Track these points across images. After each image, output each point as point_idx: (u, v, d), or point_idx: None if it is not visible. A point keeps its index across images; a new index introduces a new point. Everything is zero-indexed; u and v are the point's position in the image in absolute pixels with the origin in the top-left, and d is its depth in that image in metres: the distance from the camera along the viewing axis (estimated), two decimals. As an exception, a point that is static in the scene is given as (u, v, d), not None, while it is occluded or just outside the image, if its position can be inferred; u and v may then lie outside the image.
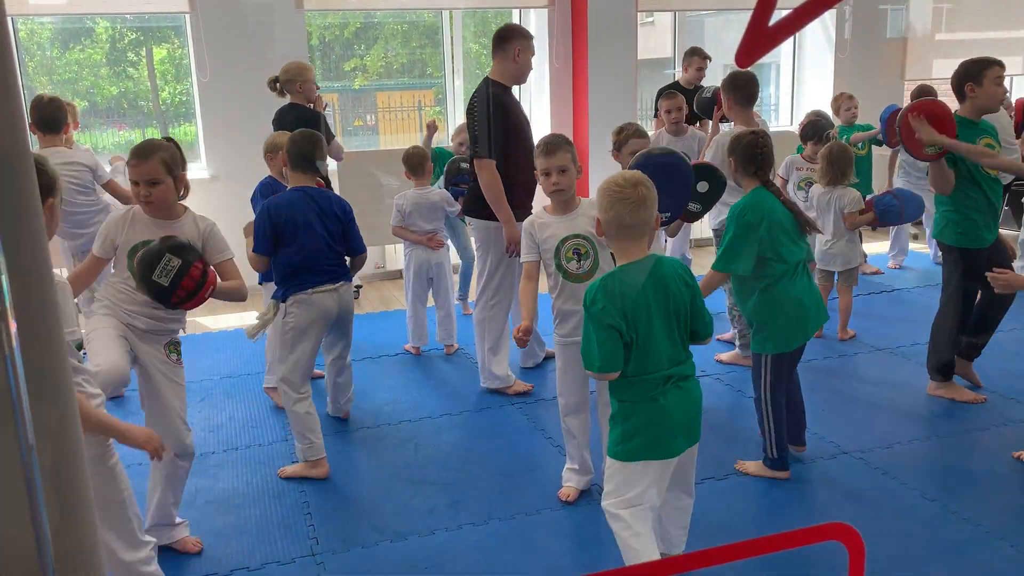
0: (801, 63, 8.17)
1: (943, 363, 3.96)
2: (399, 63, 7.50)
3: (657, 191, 2.35)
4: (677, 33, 7.88)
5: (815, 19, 0.85)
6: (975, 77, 3.69)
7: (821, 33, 7.90)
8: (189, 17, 6.12)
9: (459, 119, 6.69)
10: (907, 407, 3.94)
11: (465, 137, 4.57)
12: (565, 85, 7.18)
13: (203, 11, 6.03)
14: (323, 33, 7.21)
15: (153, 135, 6.66)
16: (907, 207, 4.73)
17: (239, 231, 3.72)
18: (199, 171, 6.27)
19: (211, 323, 5.69)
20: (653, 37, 8.41)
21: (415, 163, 4.81)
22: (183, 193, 2.80)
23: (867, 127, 6.13)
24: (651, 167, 2.87)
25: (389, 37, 7.49)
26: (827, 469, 3.36)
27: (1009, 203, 5.97)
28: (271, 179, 4.00)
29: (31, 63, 6.42)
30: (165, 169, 2.69)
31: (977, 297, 3.88)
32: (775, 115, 8.38)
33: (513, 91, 4.21)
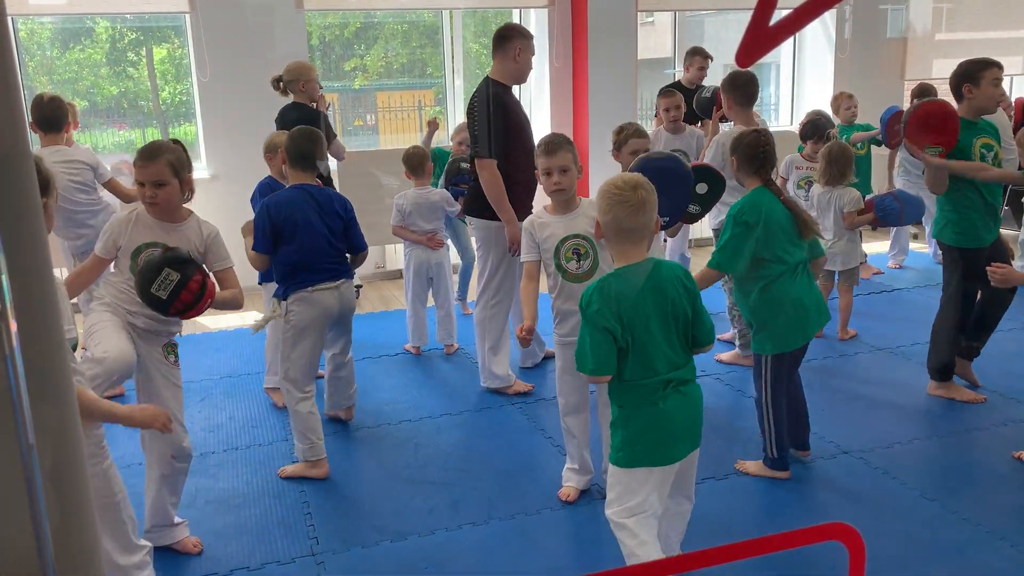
0: (801, 63, 8.17)
1: (943, 363, 3.96)
2: (399, 63, 7.50)
3: (657, 195, 2.35)
4: (677, 33, 7.88)
5: (815, 19, 0.85)
6: (973, 78, 3.70)
7: (821, 33, 7.89)
8: (189, 17, 6.12)
9: (459, 119, 6.69)
10: (907, 407, 3.94)
11: (465, 136, 4.57)
12: (565, 85, 7.18)
13: (203, 11, 6.03)
14: (323, 33, 7.21)
15: (153, 135, 6.67)
16: (907, 209, 4.72)
17: (239, 231, 3.72)
18: (199, 171, 6.25)
19: (211, 323, 5.69)
20: (653, 37, 8.41)
21: (415, 163, 4.82)
22: (188, 196, 2.80)
23: (867, 127, 6.13)
24: (651, 171, 2.86)
25: (389, 37, 7.49)
26: (827, 469, 3.36)
27: (1009, 203, 5.96)
28: (270, 179, 4.00)
29: (31, 63, 6.42)
30: (171, 171, 2.70)
31: (977, 297, 3.89)
32: (775, 115, 8.37)
33: (513, 91, 4.21)
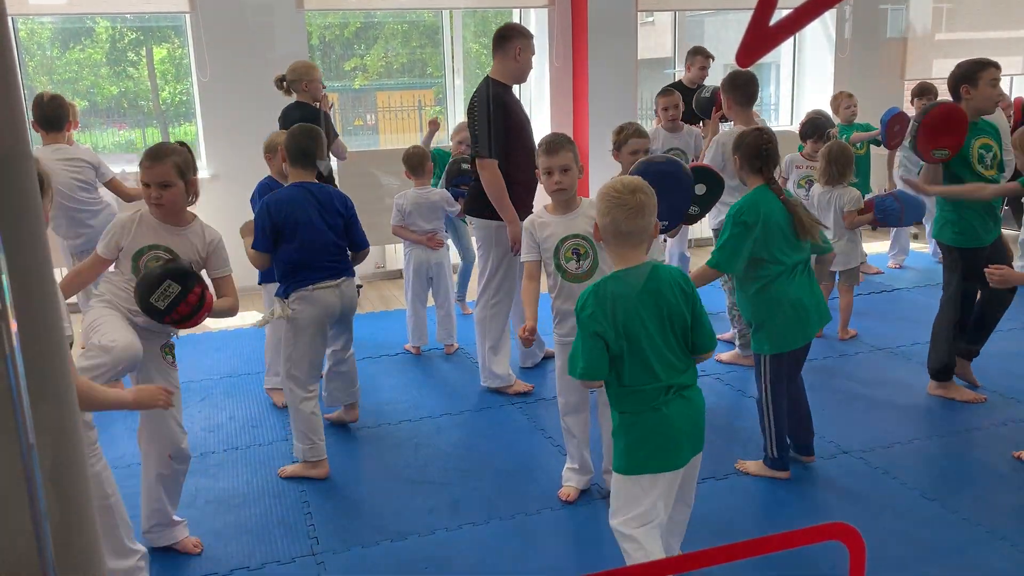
0: (801, 63, 8.17)
1: (943, 363, 3.96)
2: (399, 63, 7.50)
3: (657, 198, 2.34)
4: (677, 33, 7.88)
5: (815, 19, 0.85)
6: (971, 79, 3.70)
7: (821, 33, 7.89)
8: (189, 17, 6.12)
9: (459, 119, 6.69)
10: (907, 407, 3.94)
11: (465, 136, 4.57)
12: (565, 85, 7.18)
13: (203, 11, 6.03)
14: (323, 33, 7.21)
15: (153, 135, 6.67)
16: (907, 210, 4.72)
17: (239, 231, 3.72)
18: (199, 171, 6.24)
19: (211, 323, 5.69)
20: (653, 37, 8.41)
21: (415, 163, 4.82)
22: (193, 199, 2.79)
23: (866, 126, 6.12)
24: (651, 174, 2.87)
25: (389, 37, 7.49)
26: (827, 469, 3.36)
27: (1009, 203, 5.96)
28: (270, 179, 4.00)
29: (31, 63, 6.42)
30: (177, 173, 2.69)
31: (977, 297, 3.89)
32: (775, 115, 8.37)
33: (513, 90, 4.21)
